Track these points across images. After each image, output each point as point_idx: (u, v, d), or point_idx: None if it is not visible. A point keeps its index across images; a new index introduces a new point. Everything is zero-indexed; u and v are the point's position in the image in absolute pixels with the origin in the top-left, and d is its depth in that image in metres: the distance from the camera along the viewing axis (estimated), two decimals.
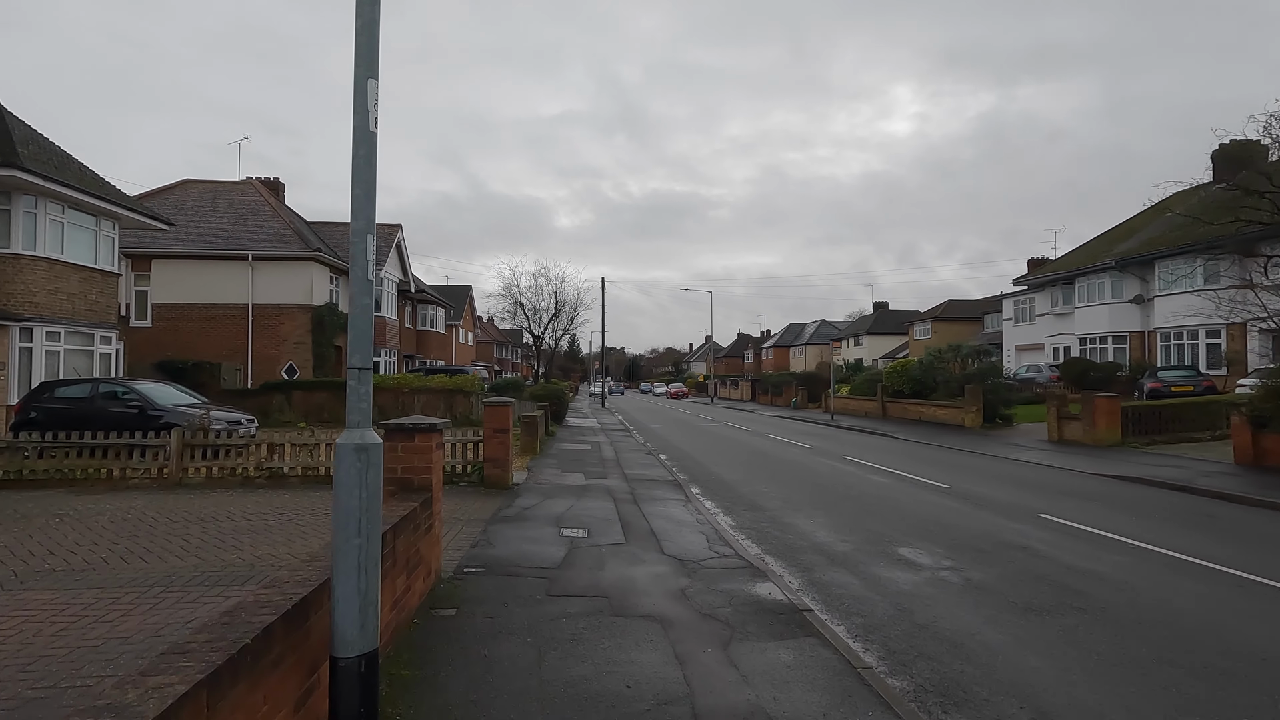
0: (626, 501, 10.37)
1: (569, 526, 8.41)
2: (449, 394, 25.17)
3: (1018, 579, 6.67)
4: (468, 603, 5.44)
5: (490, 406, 10.67)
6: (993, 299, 64.29)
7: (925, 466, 15.00)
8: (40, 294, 17.14)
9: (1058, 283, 37.72)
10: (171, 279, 25.91)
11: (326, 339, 26.97)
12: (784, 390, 47.72)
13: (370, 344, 3.33)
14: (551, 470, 13.60)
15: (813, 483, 12.78)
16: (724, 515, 9.88)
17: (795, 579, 6.73)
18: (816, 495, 11.43)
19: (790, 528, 9.04)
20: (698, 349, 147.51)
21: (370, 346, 3.33)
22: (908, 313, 76.44)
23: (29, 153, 17.22)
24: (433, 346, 41.74)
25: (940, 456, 17.15)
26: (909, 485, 12.49)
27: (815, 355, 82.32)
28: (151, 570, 6.15)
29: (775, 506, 10.49)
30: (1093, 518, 9.52)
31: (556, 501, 10.03)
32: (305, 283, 26.34)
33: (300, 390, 24.67)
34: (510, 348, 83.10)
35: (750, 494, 11.64)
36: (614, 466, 14.57)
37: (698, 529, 8.66)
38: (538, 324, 41.90)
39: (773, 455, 17.50)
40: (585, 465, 14.56)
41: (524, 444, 15.88)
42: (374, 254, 3.26)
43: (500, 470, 10.71)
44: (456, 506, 9.23)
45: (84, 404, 14.65)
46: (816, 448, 19.22)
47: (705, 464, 15.78)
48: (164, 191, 29.00)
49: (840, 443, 20.81)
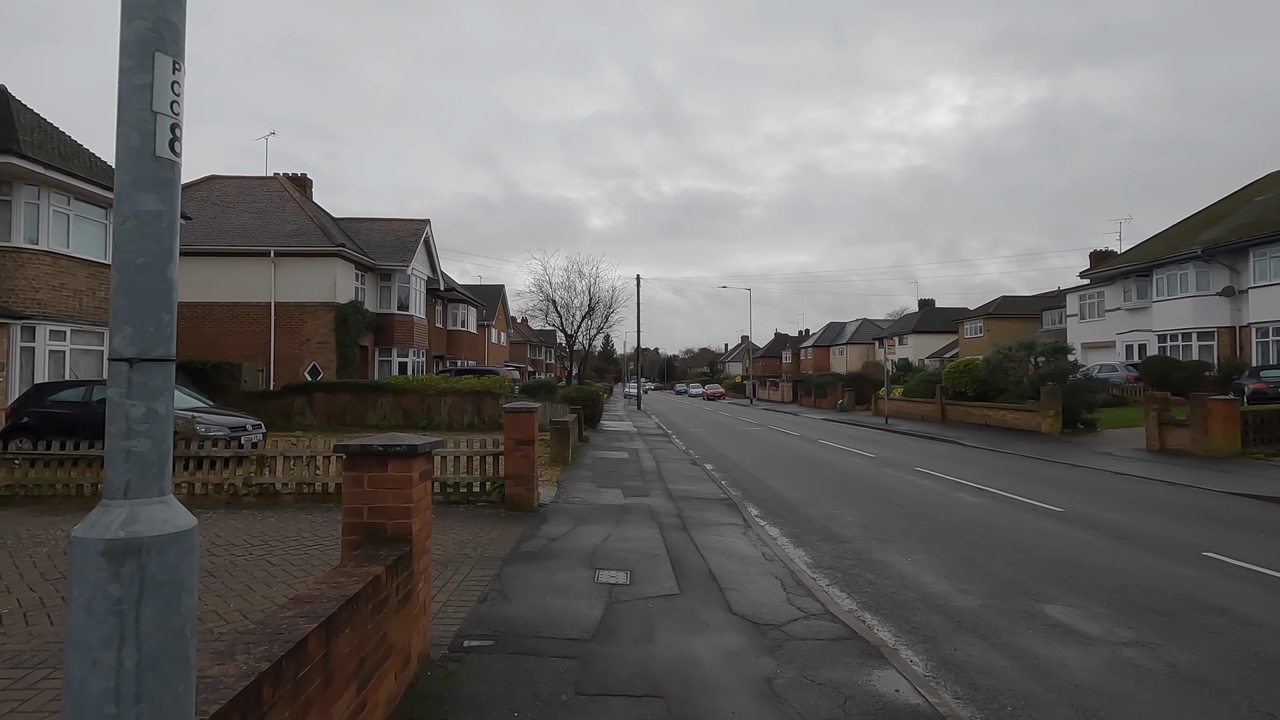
0: (674, 528, 8.59)
1: (607, 567, 6.66)
2: (477, 396, 23.72)
3: (1245, 667, 4.69)
4: (460, 709, 3.72)
5: (512, 414, 8.99)
6: (1049, 295, 60.77)
7: (1019, 482, 12.88)
8: (44, 290, 16.10)
9: (1131, 275, 34.72)
10: (194, 277, 24.97)
11: (351, 338, 25.77)
12: (829, 391, 45.35)
13: (170, 306, 1.60)
14: (585, 485, 11.88)
15: (892, 503, 10.81)
16: (795, 548, 8.03)
17: (920, 658, 4.87)
18: (903, 521, 9.48)
19: (884, 568, 7.15)
20: (733, 349, 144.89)
21: (170, 310, 1.60)
22: (956, 310, 73.00)
23: (32, 140, 16.21)
24: (464, 347, 40.54)
25: (1029, 469, 14.95)
26: (1012, 508, 10.44)
27: (858, 355, 79.34)
28: (47, 640, 4.58)
29: (855, 536, 8.59)
30: (1277, 558, 7.42)
31: (591, 529, 8.29)
32: (329, 279, 25.17)
33: (322, 392, 23.48)
34: (544, 348, 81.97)
35: (820, 517, 9.75)
36: (656, 480, 12.79)
37: (767, 569, 6.84)
38: (570, 322, 40.23)
39: (834, 466, 15.51)
40: (623, 478, 12.82)
41: (554, 452, 14.22)
42: (169, 92, 1.53)
43: (524, 489, 9.02)
44: (468, 538, 7.55)
45: (79, 408, 13.49)
46: (880, 457, 17.16)
47: (758, 476, 13.90)
48: (189, 188, 28.18)
49: (905, 450, 18.69)
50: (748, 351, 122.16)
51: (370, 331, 28.02)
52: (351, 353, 25.86)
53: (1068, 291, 42.65)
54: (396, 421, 23.39)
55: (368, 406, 23.47)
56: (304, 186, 31.43)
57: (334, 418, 23.39)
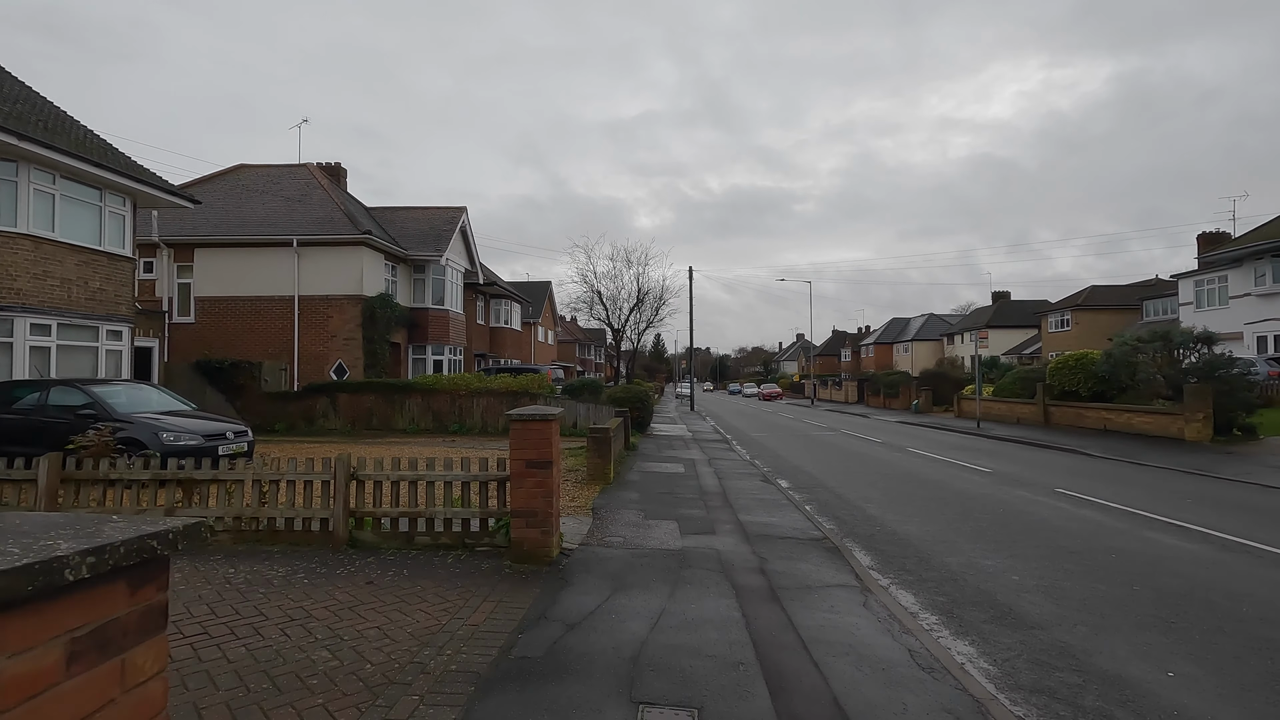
0: (759, 595, 5.70)
1: (657, 700, 3.81)
2: (513, 396, 21.26)
3: None
4: None
5: (521, 424, 6.22)
6: (1147, 283, 54.95)
7: (1225, 515, 9.45)
8: (23, 278, 14.28)
9: (1264, 255, 29.96)
10: (216, 270, 23.33)
11: (379, 334, 23.68)
12: (901, 391, 41.40)
13: None
14: (629, 514, 9.06)
15: (1064, 549, 7.62)
16: (957, 638, 5.04)
17: None
18: (1101, 584, 6.32)
19: (1147, 700, 4.09)
20: (788, 348, 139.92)
21: None
22: (1034, 303, 67.39)
23: (12, 111, 14.44)
24: (508, 344, 38.36)
25: (1217, 493, 11.39)
26: (1259, 563, 7.14)
27: (924, 352, 74.40)
28: None
29: (1045, 615, 5.51)
30: None
31: (632, 601, 5.46)
32: (355, 270, 23.12)
33: (346, 393, 21.42)
34: (593, 347, 79.72)
35: (966, 571, 6.69)
36: (721, 506, 9.88)
37: (929, 694, 3.90)
38: (617, 316, 37.44)
39: (945, 485, 12.28)
40: (679, 504, 9.96)
41: (592, 468, 11.47)
42: None
43: (538, 532, 6.24)
44: (435, 623, 4.80)
45: (34, 413, 11.48)
46: (1000, 472, 13.79)
47: (851, 499, 10.83)
48: (216, 177, 26.70)
49: (1024, 463, 15.23)
50: (803, 350, 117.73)
51: (403, 327, 25.95)
52: (380, 350, 23.77)
53: (1180, 277, 37.61)
54: (426, 425, 21.14)
55: (395, 409, 21.28)
56: (337, 176, 29.69)
57: (359, 420, 21.29)
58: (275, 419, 21.28)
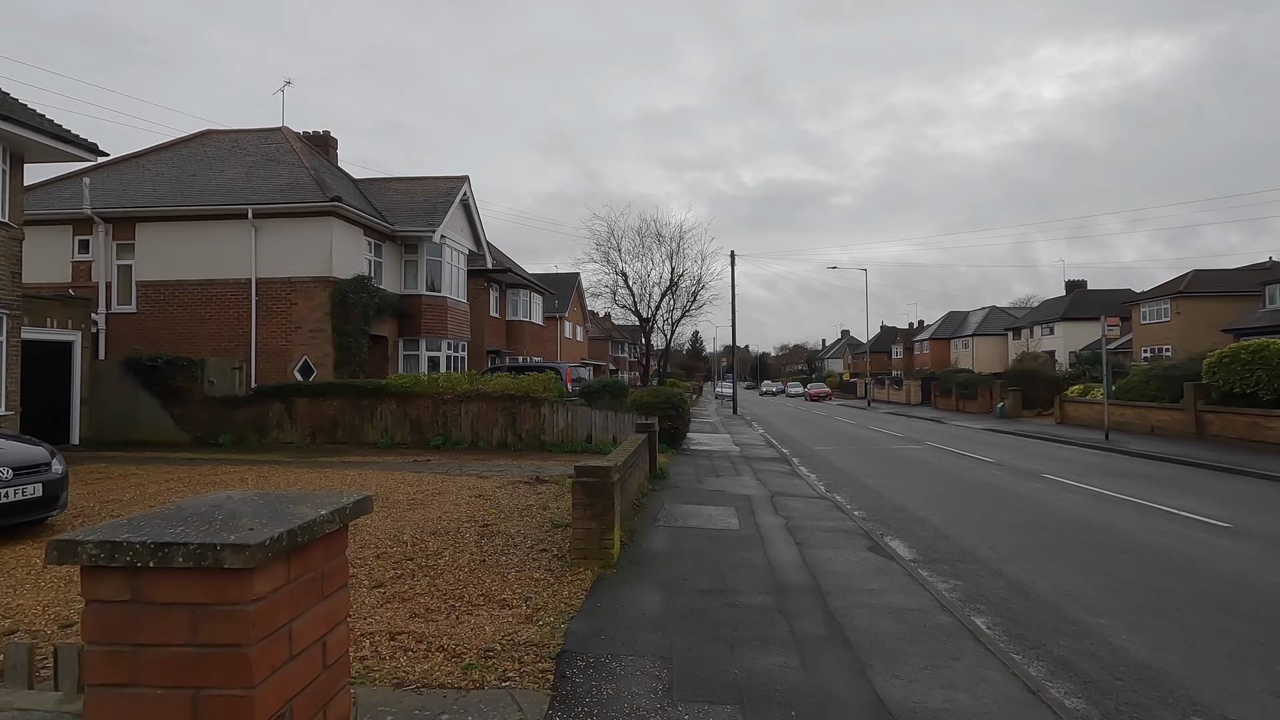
0: None
1: None
2: (511, 402, 16.68)
3: None
4: None
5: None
6: (1261, 266, 47.85)
7: None
8: None
9: None
10: (161, 248, 19.32)
11: (355, 324, 19.33)
12: (979, 391, 35.65)
13: None
14: (637, 681, 4.26)
15: None
16: None
17: None
18: None
19: None
20: (831, 345, 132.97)
21: None
22: (1118, 292, 60.14)
23: None
24: (527, 340, 33.84)
25: None
26: None
27: (987, 348, 67.90)
28: None
29: None
30: None
31: None
32: (323, 247, 18.84)
33: (305, 397, 17.11)
34: (627, 345, 74.87)
35: None
36: (824, 638, 5.01)
37: None
38: (646, 304, 32.36)
39: (1175, 554, 7.15)
40: (737, 624, 5.12)
41: (581, 538, 6.65)
42: None
43: None
44: None
45: None
46: (1243, 527, 8.60)
47: (1050, 600, 5.85)
48: (178, 144, 22.73)
49: (1250, 506, 9.97)
50: (848, 347, 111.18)
51: (391, 317, 21.62)
52: (356, 343, 19.43)
53: None
54: (402, 437, 16.71)
55: (364, 417, 16.90)
56: (325, 147, 25.47)
57: (320, 431, 16.98)
58: (220, 429, 17.13)
